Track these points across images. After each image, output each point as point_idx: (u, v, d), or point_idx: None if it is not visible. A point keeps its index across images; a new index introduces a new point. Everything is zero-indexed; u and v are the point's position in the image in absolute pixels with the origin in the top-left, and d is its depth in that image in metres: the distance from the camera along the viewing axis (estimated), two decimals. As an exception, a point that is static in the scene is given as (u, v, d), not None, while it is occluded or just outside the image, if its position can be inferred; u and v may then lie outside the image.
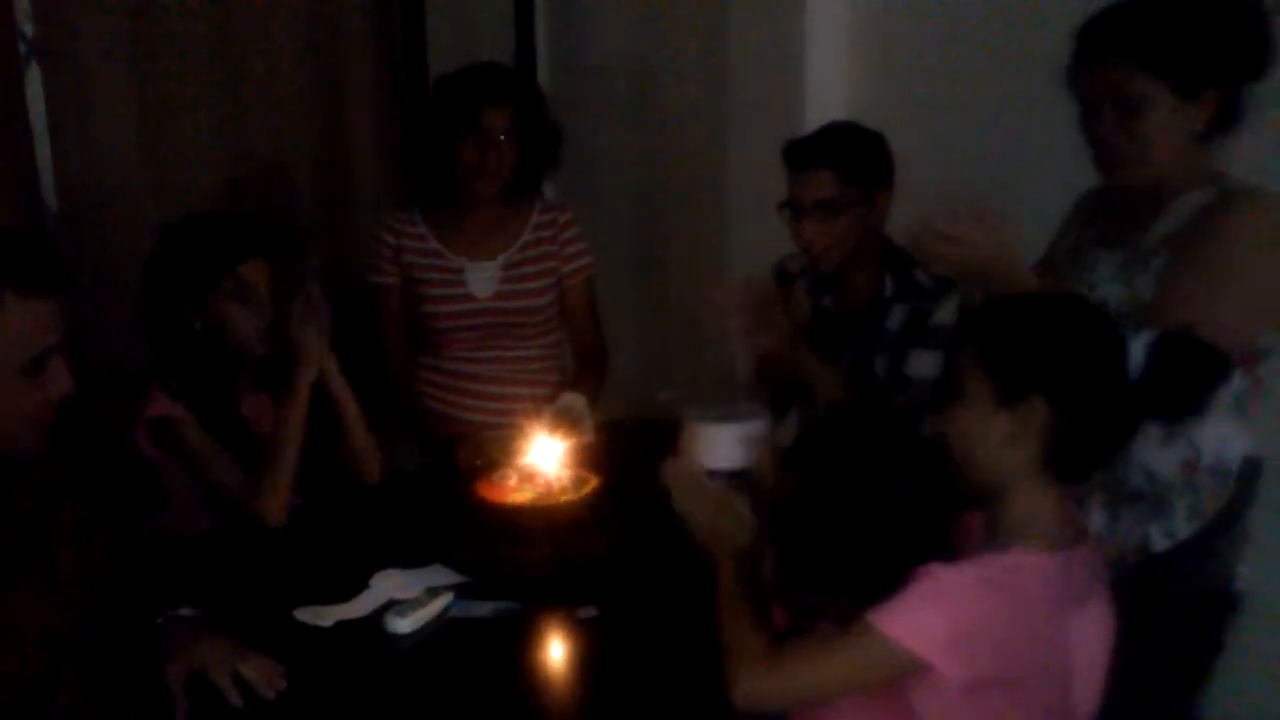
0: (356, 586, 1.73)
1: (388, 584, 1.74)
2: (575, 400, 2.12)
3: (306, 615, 1.67)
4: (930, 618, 1.27)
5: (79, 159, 2.64)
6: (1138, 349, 1.29)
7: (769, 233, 2.25)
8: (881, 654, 1.27)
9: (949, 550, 1.36)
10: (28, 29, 2.60)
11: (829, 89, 2.75)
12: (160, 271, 2.00)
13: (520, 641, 1.64)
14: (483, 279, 2.37)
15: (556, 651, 1.66)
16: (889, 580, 1.29)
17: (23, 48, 2.60)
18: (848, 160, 2.02)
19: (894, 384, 2.03)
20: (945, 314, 2.02)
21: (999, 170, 2.35)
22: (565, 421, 2.03)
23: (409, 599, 1.69)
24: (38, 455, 1.42)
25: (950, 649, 1.25)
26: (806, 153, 2.06)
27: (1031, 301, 1.44)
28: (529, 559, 1.79)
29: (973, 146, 2.45)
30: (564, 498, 1.84)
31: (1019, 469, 1.33)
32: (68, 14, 2.62)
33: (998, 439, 1.32)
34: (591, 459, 1.97)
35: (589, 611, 1.68)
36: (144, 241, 2.08)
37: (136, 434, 1.99)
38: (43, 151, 2.61)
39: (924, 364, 2.00)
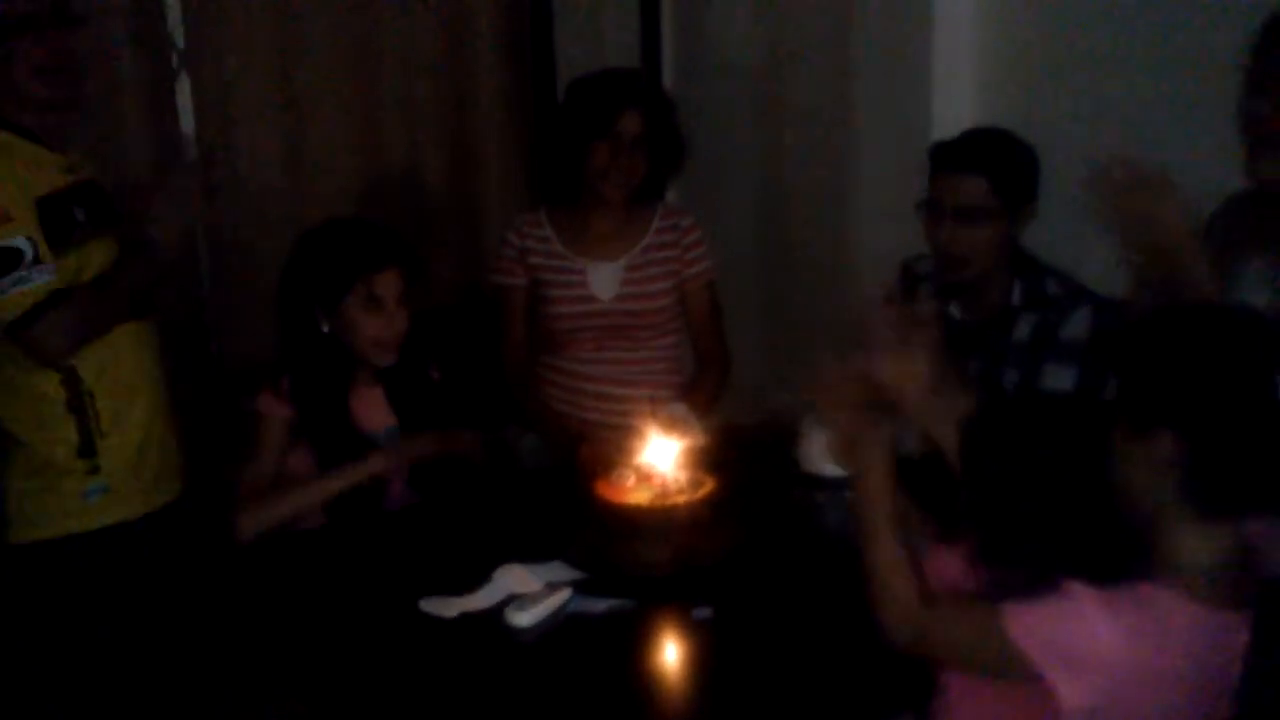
0: (479, 579, 1.78)
1: (509, 578, 1.77)
2: (679, 410, 2.13)
3: (432, 606, 1.73)
4: (1054, 633, 1.23)
5: (224, 165, 2.77)
6: None
7: (896, 234, 2.22)
8: (1000, 647, 1.25)
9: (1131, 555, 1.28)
10: (179, 40, 2.74)
11: (957, 87, 2.70)
12: (297, 272, 2.09)
13: (636, 639, 1.66)
14: (605, 280, 2.40)
15: (671, 651, 1.67)
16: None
17: (175, 59, 2.75)
18: (1001, 170, 1.99)
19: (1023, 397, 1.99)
20: (1077, 327, 1.97)
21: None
22: (671, 430, 2.04)
23: (529, 593, 1.74)
24: None
25: (1067, 671, 1.22)
26: (959, 155, 2.03)
27: (1170, 318, 1.32)
28: (646, 558, 1.80)
29: (1107, 146, 2.37)
30: (681, 498, 1.85)
31: (1160, 503, 1.24)
32: (215, 26, 2.76)
33: (1134, 471, 1.25)
34: (709, 462, 1.98)
35: (704, 612, 1.69)
36: (285, 244, 2.17)
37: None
38: (190, 157, 2.75)
39: (1059, 378, 1.95)
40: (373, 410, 2.13)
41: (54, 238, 1.94)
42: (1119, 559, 1.25)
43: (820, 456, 2.03)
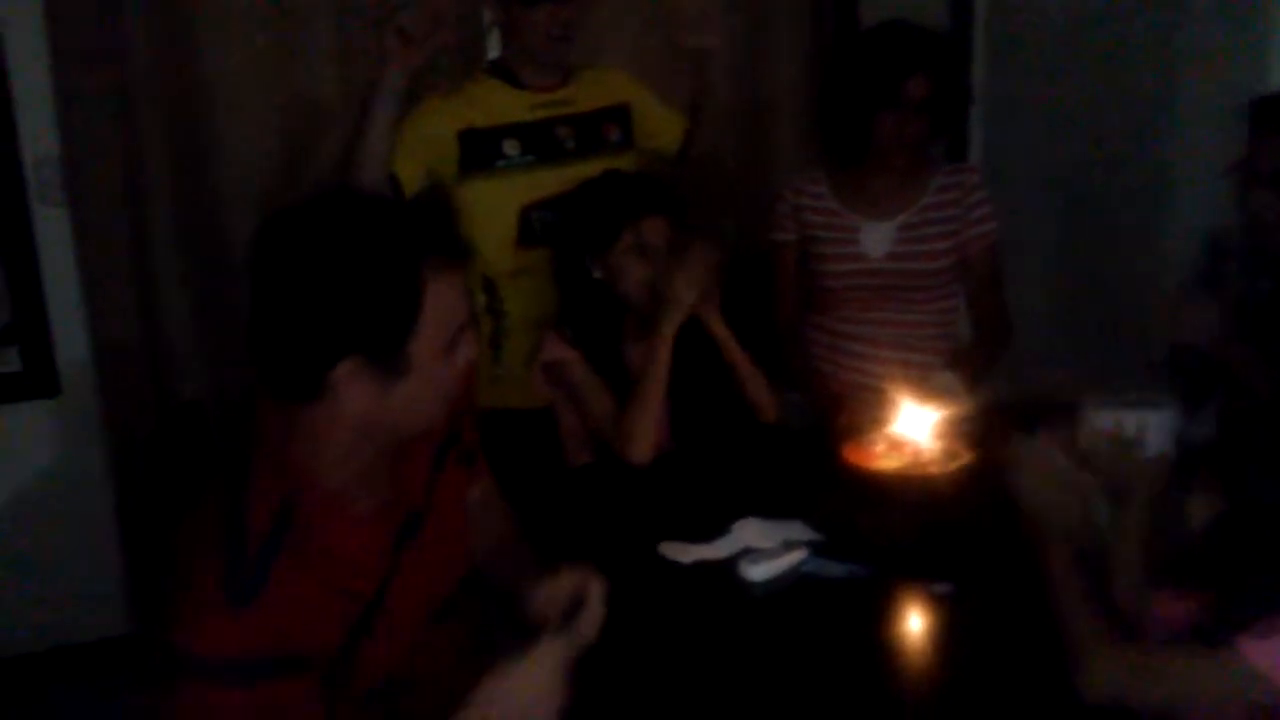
0: (718, 530, 1.80)
1: (747, 532, 1.79)
2: (947, 379, 2.05)
3: (670, 550, 1.77)
4: None
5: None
6: None
7: (1218, 201, 2.03)
8: (1247, 684, 1.18)
9: None
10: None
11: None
12: (569, 222, 2.18)
13: (870, 607, 1.63)
14: (877, 239, 2.33)
15: (905, 622, 1.63)
16: None
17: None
18: None
19: None
20: None
21: None
22: (937, 398, 1.96)
23: (765, 549, 1.74)
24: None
25: None
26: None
27: None
28: (887, 527, 1.76)
29: None
30: (933, 469, 1.79)
31: None
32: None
33: None
34: (969, 435, 1.90)
35: (944, 587, 1.64)
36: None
37: (534, 376, 2.18)
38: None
39: None
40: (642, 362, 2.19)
41: (474, 164, 2.30)
42: None
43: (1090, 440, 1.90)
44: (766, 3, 3.13)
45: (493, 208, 2.33)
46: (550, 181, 2.32)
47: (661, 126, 2.48)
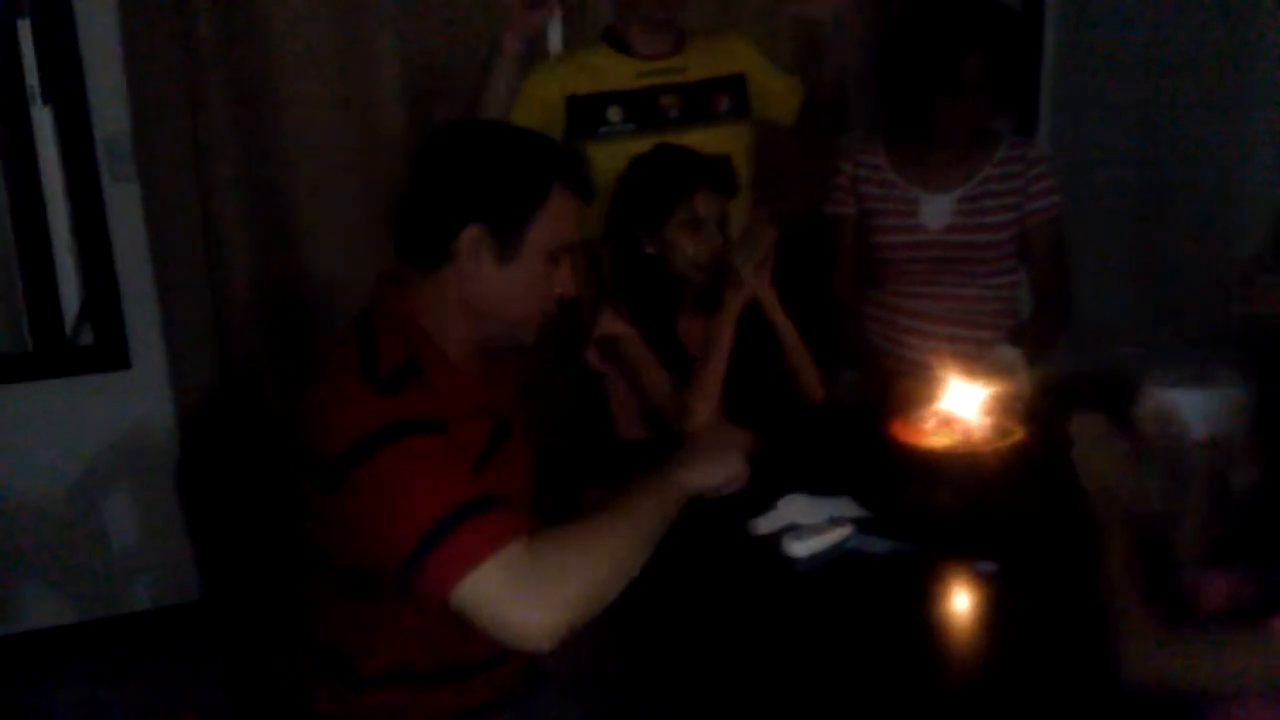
0: (764, 505, 1.78)
1: (792, 507, 1.77)
2: (1009, 353, 2.00)
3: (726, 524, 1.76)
4: None
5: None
6: None
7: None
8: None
9: None
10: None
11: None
12: (623, 197, 2.16)
13: (913, 584, 1.60)
14: (937, 211, 2.28)
15: (947, 600, 1.60)
16: None
17: None
18: None
19: None
20: None
21: None
22: (996, 373, 1.92)
23: (809, 525, 1.72)
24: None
25: None
26: None
27: None
28: (934, 504, 1.73)
29: None
30: (981, 447, 1.76)
31: None
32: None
33: None
34: (1024, 412, 1.85)
35: (988, 566, 1.60)
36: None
37: (588, 350, 2.17)
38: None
39: None
40: (696, 338, 2.18)
41: (578, 129, 2.31)
42: None
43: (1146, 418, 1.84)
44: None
45: (594, 174, 2.31)
46: None
47: (779, 96, 2.45)
